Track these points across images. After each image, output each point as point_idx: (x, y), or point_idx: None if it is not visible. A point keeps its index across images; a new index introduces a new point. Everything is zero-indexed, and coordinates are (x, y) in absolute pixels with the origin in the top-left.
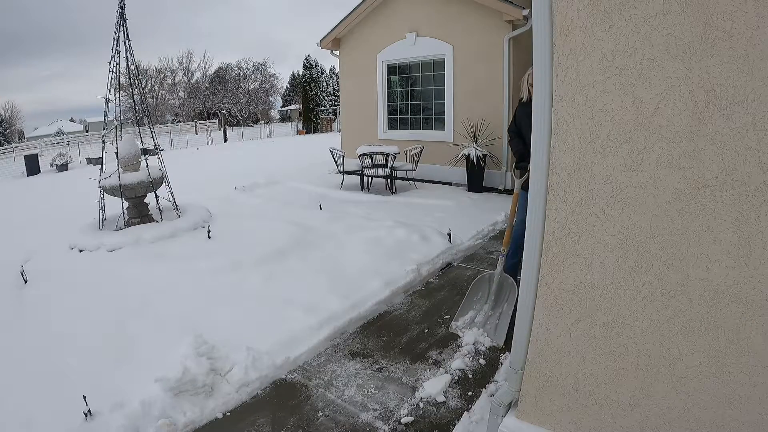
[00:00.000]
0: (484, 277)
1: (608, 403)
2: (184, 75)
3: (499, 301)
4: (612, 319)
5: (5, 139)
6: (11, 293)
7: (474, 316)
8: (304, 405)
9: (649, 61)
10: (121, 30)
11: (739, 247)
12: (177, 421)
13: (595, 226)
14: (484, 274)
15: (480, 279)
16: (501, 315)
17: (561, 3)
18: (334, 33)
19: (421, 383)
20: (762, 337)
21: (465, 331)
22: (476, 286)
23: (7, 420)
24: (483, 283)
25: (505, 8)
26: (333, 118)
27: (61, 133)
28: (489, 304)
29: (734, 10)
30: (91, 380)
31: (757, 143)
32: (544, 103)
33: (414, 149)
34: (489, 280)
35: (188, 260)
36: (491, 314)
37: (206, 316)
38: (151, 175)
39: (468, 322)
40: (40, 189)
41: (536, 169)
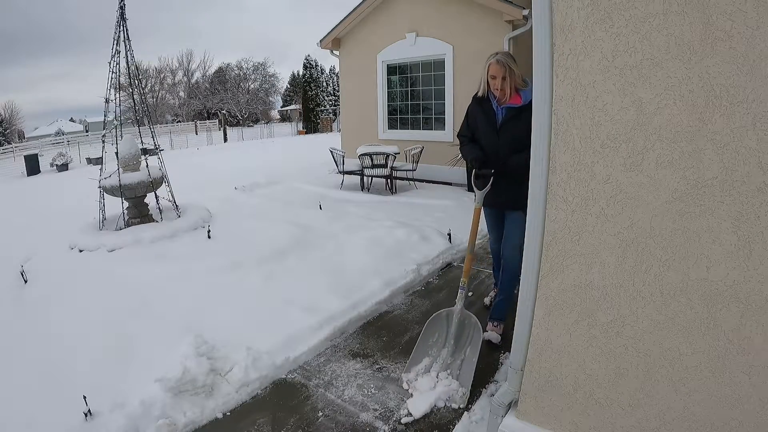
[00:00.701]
0: (440, 315)
1: (608, 403)
2: (184, 75)
3: (460, 345)
4: (612, 319)
5: (5, 139)
6: (11, 293)
7: (430, 364)
8: (304, 405)
9: (649, 61)
10: (121, 30)
11: (739, 247)
12: (177, 421)
13: (595, 226)
14: (441, 312)
15: (436, 318)
16: (463, 362)
17: (561, 3)
18: (334, 33)
19: None
20: (762, 337)
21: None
22: (431, 327)
23: (7, 420)
24: (439, 322)
25: (505, 8)
26: (333, 118)
27: (61, 133)
28: (448, 349)
29: (734, 10)
30: (91, 380)
31: (757, 143)
32: (544, 103)
33: (414, 149)
34: (447, 320)
35: (188, 260)
36: (451, 362)
37: (206, 316)
38: (151, 175)
39: (422, 371)
40: (40, 189)
41: (536, 169)
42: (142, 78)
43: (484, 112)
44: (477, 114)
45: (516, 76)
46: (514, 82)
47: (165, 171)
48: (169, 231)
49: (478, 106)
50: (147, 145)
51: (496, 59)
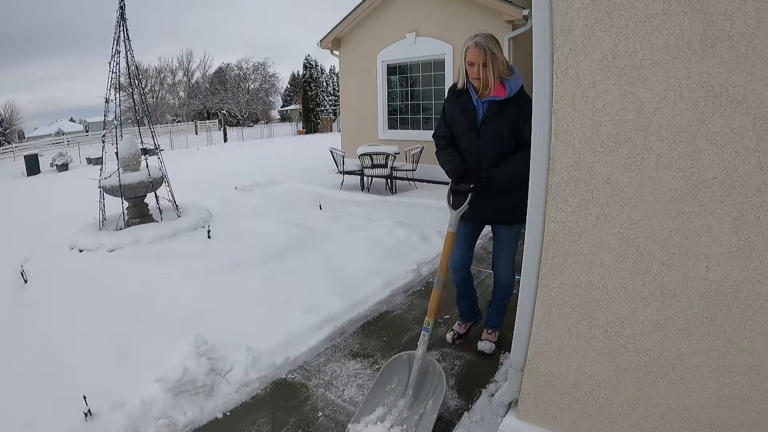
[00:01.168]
0: (401, 358)
1: (608, 403)
2: (184, 75)
3: (420, 397)
4: (612, 319)
5: (5, 139)
6: (11, 293)
7: (383, 414)
8: (304, 405)
9: (649, 61)
10: (121, 30)
11: (739, 247)
12: (177, 421)
13: (595, 226)
14: (402, 355)
15: (395, 361)
16: (422, 417)
17: (561, 3)
18: (334, 33)
19: None
20: (762, 337)
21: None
22: (389, 371)
23: (7, 420)
24: (399, 367)
25: (505, 8)
26: (333, 118)
27: (61, 133)
28: (406, 400)
29: (734, 10)
30: (91, 380)
31: (757, 143)
32: (544, 103)
33: (414, 149)
34: (408, 365)
35: (188, 260)
36: (408, 415)
37: (206, 316)
38: (151, 175)
39: (373, 422)
40: (40, 189)
41: (536, 169)
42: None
43: (462, 107)
44: (454, 110)
45: (499, 63)
46: (497, 69)
47: (165, 171)
48: (169, 231)
49: (456, 100)
50: (147, 145)
51: (474, 41)
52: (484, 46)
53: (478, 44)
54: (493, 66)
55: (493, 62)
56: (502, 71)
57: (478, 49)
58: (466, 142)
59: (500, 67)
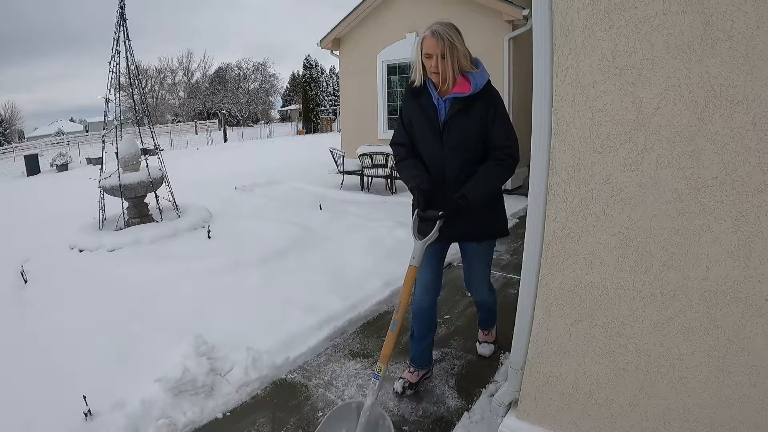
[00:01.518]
0: (349, 407)
1: (608, 403)
2: (184, 75)
3: None
4: (612, 319)
5: (5, 139)
6: (11, 293)
7: None
8: (304, 405)
9: (649, 61)
10: (121, 30)
11: (739, 247)
12: (177, 421)
13: (595, 226)
14: (350, 403)
15: (342, 409)
16: None
17: (561, 3)
18: (334, 33)
19: (421, 382)
20: (762, 337)
21: None
22: (333, 421)
23: (7, 420)
24: (344, 416)
25: (505, 8)
26: (333, 118)
27: (61, 133)
28: None
29: (734, 10)
30: (91, 380)
31: (757, 143)
32: (544, 103)
33: None
34: (355, 415)
35: (188, 260)
36: None
37: (206, 316)
38: (151, 175)
39: None
40: (40, 189)
41: (536, 169)
42: (142, 78)
43: (422, 107)
44: (413, 111)
45: (460, 54)
46: (457, 62)
47: (165, 171)
48: (169, 231)
49: (414, 101)
50: (147, 145)
51: (430, 30)
52: (442, 35)
53: (435, 33)
54: (452, 57)
55: (452, 53)
56: (465, 64)
57: (435, 38)
58: (428, 149)
59: (462, 60)
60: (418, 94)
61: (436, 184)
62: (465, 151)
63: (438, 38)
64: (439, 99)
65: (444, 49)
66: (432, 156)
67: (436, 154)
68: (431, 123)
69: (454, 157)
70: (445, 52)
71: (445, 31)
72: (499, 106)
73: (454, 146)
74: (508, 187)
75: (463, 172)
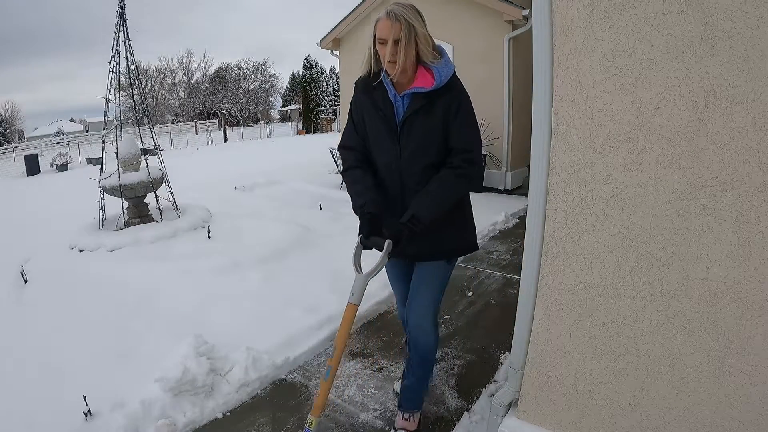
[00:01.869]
0: None
1: (608, 403)
2: (184, 75)
3: None
4: (612, 319)
5: (5, 139)
6: (11, 293)
7: None
8: (304, 405)
9: (649, 61)
10: (121, 30)
11: (739, 247)
12: (177, 421)
13: (595, 226)
14: None
15: None
16: None
17: (561, 3)
18: (334, 33)
19: None
20: (762, 337)
21: None
22: None
23: (7, 419)
24: None
25: (505, 8)
26: (333, 118)
27: (61, 133)
28: None
29: (734, 10)
30: (91, 380)
31: (757, 143)
32: (544, 103)
33: None
34: None
35: (188, 260)
36: None
37: (206, 316)
38: (151, 175)
39: None
40: (40, 189)
41: (536, 169)
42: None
43: (375, 104)
44: (365, 109)
45: (421, 41)
46: (411, 49)
47: (165, 171)
48: (169, 231)
49: (367, 97)
50: (147, 145)
51: (386, 11)
52: (398, 15)
53: (391, 14)
54: (410, 43)
55: (410, 38)
56: (426, 52)
57: (390, 20)
58: (383, 153)
59: (423, 48)
60: (372, 89)
61: (392, 197)
62: (427, 155)
63: (394, 20)
64: (397, 95)
65: (400, 33)
66: (388, 162)
67: (392, 159)
68: (387, 122)
69: (414, 162)
70: (400, 38)
71: (404, 11)
72: (463, 103)
73: (413, 150)
74: (509, 187)
75: (424, 182)
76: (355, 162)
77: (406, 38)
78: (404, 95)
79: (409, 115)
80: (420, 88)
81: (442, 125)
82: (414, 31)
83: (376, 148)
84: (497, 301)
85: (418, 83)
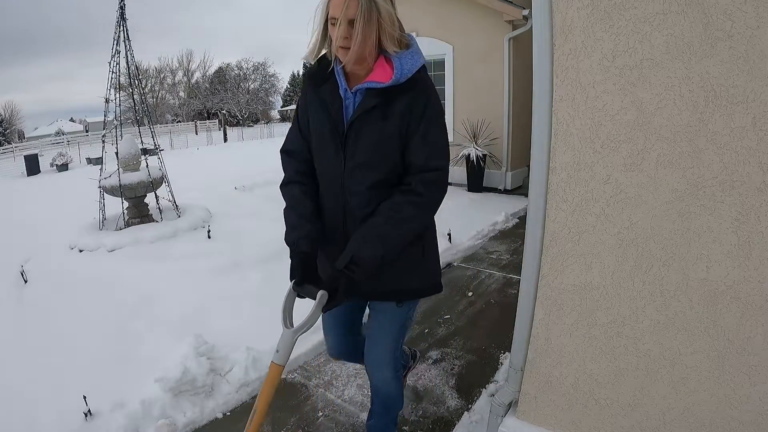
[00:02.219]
0: None
1: (608, 403)
2: (184, 75)
3: None
4: (612, 320)
5: (5, 139)
6: (11, 293)
7: None
8: (304, 405)
9: (649, 61)
10: (121, 30)
11: (739, 247)
12: (177, 421)
13: (595, 226)
14: None
15: None
16: None
17: (561, 3)
18: None
19: (421, 383)
20: (762, 337)
21: None
22: None
23: (7, 419)
24: None
25: (505, 8)
26: None
27: (61, 133)
28: None
29: (734, 10)
30: (91, 380)
31: (757, 143)
32: (544, 103)
33: None
34: None
35: (188, 260)
36: None
37: (206, 316)
38: (151, 175)
39: None
40: (40, 189)
41: (536, 169)
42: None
43: (323, 101)
44: (311, 105)
45: (387, 23)
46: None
47: (165, 171)
48: (169, 231)
49: (313, 89)
50: (147, 145)
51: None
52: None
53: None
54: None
55: (370, 18)
56: (389, 40)
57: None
58: (324, 162)
59: (387, 32)
60: (322, 80)
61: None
62: (375, 169)
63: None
64: (348, 90)
65: (357, 10)
66: (329, 174)
67: (335, 170)
68: (332, 124)
69: (359, 178)
70: (358, 16)
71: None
72: (430, 106)
73: (360, 162)
74: (509, 187)
75: (370, 206)
76: (295, 175)
77: (364, 18)
78: (356, 91)
79: (358, 116)
80: (375, 83)
81: (399, 133)
82: (377, 10)
83: (318, 155)
84: (497, 301)
85: (374, 76)
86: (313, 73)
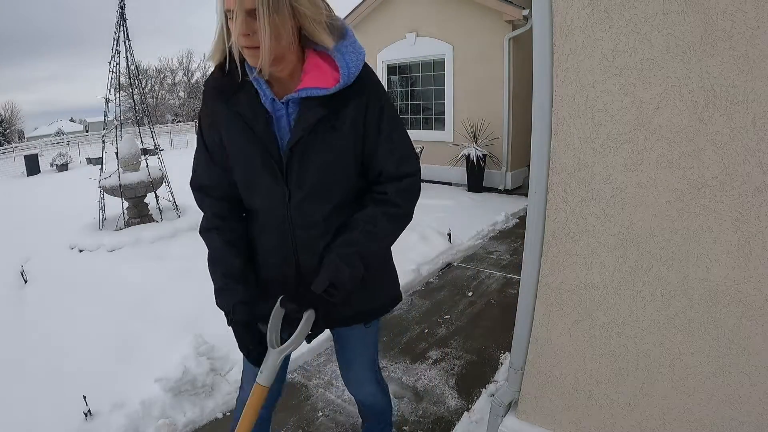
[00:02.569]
0: None
1: (608, 403)
2: (184, 75)
3: None
4: (612, 319)
5: (5, 139)
6: (11, 293)
7: None
8: (304, 405)
9: (649, 61)
10: (121, 30)
11: (739, 247)
12: (177, 421)
13: (595, 226)
14: None
15: None
16: None
17: (561, 3)
18: None
19: (421, 383)
20: (762, 337)
21: None
22: None
23: (7, 419)
24: None
25: (505, 8)
26: None
27: (61, 133)
28: None
29: (734, 10)
30: (91, 380)
31: (757, 143)
32: (544, 103)
33: None
34: None
35: (188, 260)
36: None
37: (206, 316)
38: (151, 175)
39: None
40: (40, 189)
41: (536, 169)
42: (142, 78)
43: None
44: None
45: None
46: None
47: (165, 171)
48: (169, 231)
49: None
50: (147, 145)
51: None
52: None
53: None
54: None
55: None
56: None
57: None
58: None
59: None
60: (232, 91)
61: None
62: (332, 196)
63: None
64: (276, 100)
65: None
66: (269, 210)
67: (276, 205)
68: (261, 147)
69: (313, 209)
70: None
71: None
72: (386, 106)
73: (311, 191)
74: (509, 187)
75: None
76: (213, 217)
77: (268, 4)
78: (288, 101)
79: (301, 137)
80: (314, 90)
81: (354, 145)
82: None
83: (249, 188)
84: (497, 301)
85: (309, 81)
86: (220, 83)
